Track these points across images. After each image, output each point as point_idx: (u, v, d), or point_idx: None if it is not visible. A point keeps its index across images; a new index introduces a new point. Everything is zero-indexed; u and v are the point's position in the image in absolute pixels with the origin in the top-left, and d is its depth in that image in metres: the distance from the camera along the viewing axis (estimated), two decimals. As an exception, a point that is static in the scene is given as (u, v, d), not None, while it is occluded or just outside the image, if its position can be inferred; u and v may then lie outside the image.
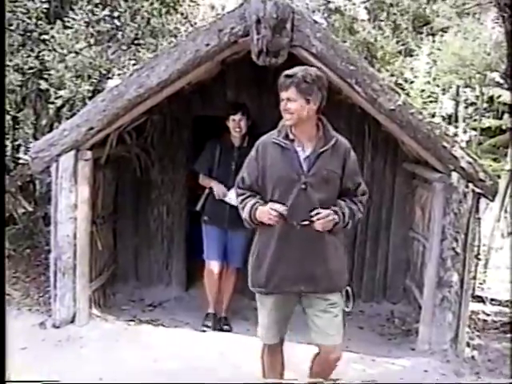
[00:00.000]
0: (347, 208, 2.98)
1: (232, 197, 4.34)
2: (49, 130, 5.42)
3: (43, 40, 5.49)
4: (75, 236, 4.36)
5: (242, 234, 4.27)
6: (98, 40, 5.75)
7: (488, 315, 5.43)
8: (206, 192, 4.75)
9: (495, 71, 7.43)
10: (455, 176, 4.21)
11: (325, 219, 2.86)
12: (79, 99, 5.40)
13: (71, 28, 5.43)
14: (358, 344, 4.26)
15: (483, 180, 4.22)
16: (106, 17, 5.71)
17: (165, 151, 5.40)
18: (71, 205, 4.34)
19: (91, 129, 4.28)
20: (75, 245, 4.37)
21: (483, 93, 8.10)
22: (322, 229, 2.87)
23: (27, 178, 6.08)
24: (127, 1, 5.98)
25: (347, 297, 3.04)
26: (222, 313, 4.83)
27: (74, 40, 5.41)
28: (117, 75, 5.88)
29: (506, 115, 9.15)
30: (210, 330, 4.58)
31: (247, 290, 3.21)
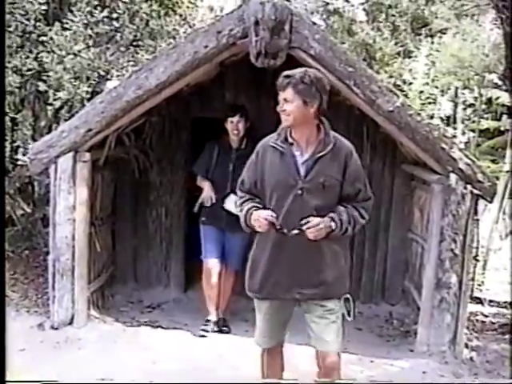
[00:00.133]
0: (346, 215, 2.83)
1: (229, 205, 4.34)
2: (47, 132, 5.41)
3: (42, 42, 5.49)
4: (74, 237, 4.36)
5: (240, 236, 4.24)
6: (97, 42, 5.75)
7: (486, 317, 5.43)
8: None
9: (493, 73, 7.45)
10: (453, 177, 4.21)
11: (315, 228, 2.74)
12: (78, 101, 5.40)
13: (70, 30, 5.43)
14: (357, 345, 4.26)
15: (481, 181, 4.23)
16: (105, 18, 5.69)
17: (163, 153, 5.40)
18: (70, 206, 4.34)
19: (90, 130, 4.28)
20: (74, 246, 4.37)
21: (482, 94, 8.13)
22: (314, 237, 2.75)
23: (26, 180, 6.08)
24: (126, 2, 5.99)
25: (348, 305, 2.93)
26: (221, 314, 4.82)
27: (73, 42, 5.41)
28: (115, 77, 5.88)
29: (505, 117, 9.17)
30: (208, 336, 4.54)
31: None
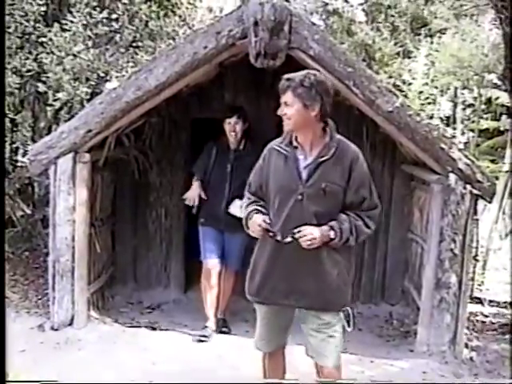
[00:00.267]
0: (348, 223, 2.73)
1: (234, 210, 4.34)
2: (47, 133, 5.42)
3: (41, 43, 5.50)
4: (73, 238, 4.37)
5: (240, 236, 4.21)
6: (96, 43, 5.76)
7: (486, 316, 5.43)
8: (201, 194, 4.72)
9: (493, 73, 7.45)
10: (453, 177, 4.21)
11: (308, 237, 2.68)
12: (77, 102, 5.41)
13: (69, 31, 5.44)
14: (357, 346, 4.26)
15: (481, 181, 4.23)
16: (104, 19, 5.70)
17: (163, 153, 5.40)
18: (69, 207, 4.34)
19: (89, 131, 4.29)
20: (73, 247, 4.37)
21: (481, 94, 8.13)
22: (308, 246, 2.69)
23: (25, 181, 6.09)
24: (125, 4, 6.00)
25: (348, 317, 2.82)
26: (221, 314, 4.82)
27: (72, 43, 5.43)
28: (115, 78, 5.87)
29: (504, 117, 9.17)
30: (206, 341, 4.47)
31: (247, 292, 3.19)
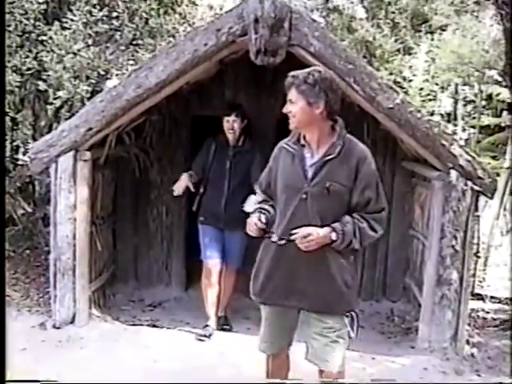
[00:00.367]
0: (351, 226, 2.67)
1: (249, 207, 4.31)
2: (47, 131, 5.42)
3: (41, 41, 5.50)
4: (74, 237, 4.36)
5: (240, 235, 4.18)
6: (96, 41, 5.76)
7: (487, 313, 5.43)
8: (200, 192, 4.70)
9: (494, 69, 7.42)
10: (454, 174, 4.21)
11: (305, 239, 2.64)
12: (78, 100, 5.41)
13: (69, 29, 5.44)
14: (358, 342, 4.16)
15: (482, 178, 4.22)
16: (104, 17, 5.70)
17: (163, 151, 5.40)
18: (70, 205, 4.34)
19: (90, 129, 4.28)
20: (74, 245, 4.37)
21: (482, 90, 8.10)
22: (305, 248, 2.65)
23: (26, 179, 6.09)
24: (125, 1, 5.99)
25: (352, 322, 2.78)
26: (221, 312, 4.81)
27: (72, 41, 5.42)
28: (115, 76, 5.88)
29: (505, 113, 9.14)
30: (206, 341, 4.44)
31: (248, 289, 3.17)
